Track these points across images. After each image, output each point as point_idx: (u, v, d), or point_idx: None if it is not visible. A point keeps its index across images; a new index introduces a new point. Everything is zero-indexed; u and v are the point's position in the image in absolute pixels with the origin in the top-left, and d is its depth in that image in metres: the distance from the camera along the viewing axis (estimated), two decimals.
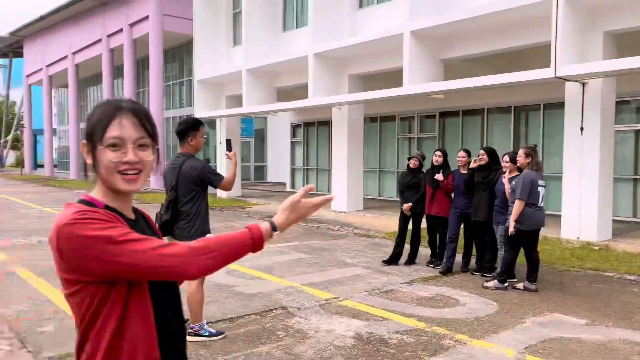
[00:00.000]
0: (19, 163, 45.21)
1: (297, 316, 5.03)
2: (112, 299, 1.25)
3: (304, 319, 4.95)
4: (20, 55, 38.62)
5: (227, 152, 4.51)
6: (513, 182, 6.03)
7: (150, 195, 17.89)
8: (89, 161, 1.32)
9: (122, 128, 1.28)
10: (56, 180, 29.09)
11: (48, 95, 34.40)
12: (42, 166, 41.20)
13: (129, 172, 1.29)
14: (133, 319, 1.27)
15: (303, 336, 4.48)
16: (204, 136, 4.45)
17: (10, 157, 50.41)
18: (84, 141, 1.33)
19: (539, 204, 5.92)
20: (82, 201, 1.33)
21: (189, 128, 4.32)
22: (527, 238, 6.04)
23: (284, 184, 22.05)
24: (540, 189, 5.92)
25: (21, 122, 41.57)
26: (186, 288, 4.40)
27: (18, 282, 6.21)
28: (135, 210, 1.44)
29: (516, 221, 5.87)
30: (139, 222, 1.43)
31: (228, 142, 4.85)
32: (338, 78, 13.81)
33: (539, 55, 10.19)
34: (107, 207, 1.31)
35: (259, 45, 15.92)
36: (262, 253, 8.08)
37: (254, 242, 1.31)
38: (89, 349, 1.26)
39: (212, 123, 20.46)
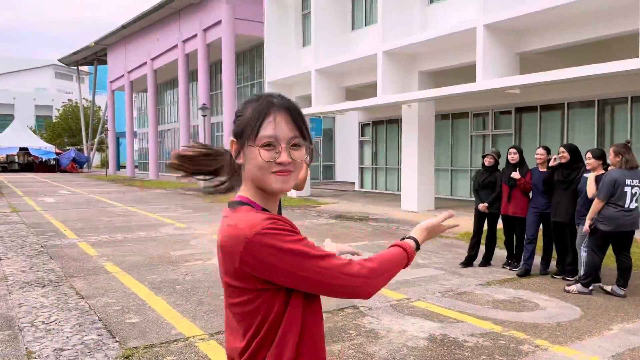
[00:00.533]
0: (104, 164, 48.30)
1: (369, 316, 5.00)
2: (292, 303, 1.22)
3: (375, 318, 4.92)
4: (104, 62, 41.23)
5: None
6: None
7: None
8: (241, 160, 1.28)
9: (277, 127, 1.22)
10: (137, 180, 30.75)
11: (129, 99, 36.48)
12: (124, 167, 43.70)
13: (281, 172, 1.24)
14: (311, 320, 1.26)
15: (375, 336, 4.46)
16: None
17: (96, 158, 53.92)
18: (234, 139, 1.28)
19: (626, 205, 5.52)
20: (239, 202, 1.28)
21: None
22: (614, 240, 5.67)
23: (353, 183, 22.04)
24: (627, 189, 5.53)
25: (105, 126, 44.38)
26: None
27: (105, 275, 6.62)
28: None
29: (598, 221, 5.56)
30: None
31: None
32: (408, 75, 13.62)
33: (624, 45, 9.54)
34: (263, 209, 1.28)
35: (327, 45, 16.02)
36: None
37: (409, 261, 1.36)
38: (272, 357, 1.22)
39: None
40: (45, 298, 5.57)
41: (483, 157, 7.31)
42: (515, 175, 6.72)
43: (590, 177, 5.86)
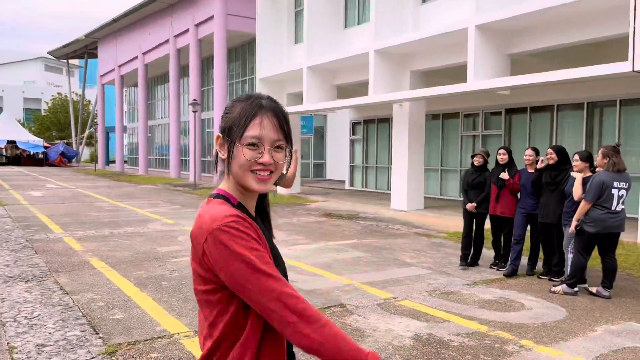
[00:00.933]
0: (93, 159, 47.90)
1: (356, 314, 5.00)
2: (253, 316, 1.22)
3: (362, 317, 4.92)
4: (95, 56, 40.87)
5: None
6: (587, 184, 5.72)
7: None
8: (224, 156, 1.32)
9: (263, 128, 1.27)
10: (126, 175, 30.54)
11: (120, 94, 36.18)
12: (113, 162, 43.38)
13: (261, 172, 1.28)
14: (270, 341, 1.25)
15: (361, 334, 4.45)
16: None
17: (85, 153, 53.46)
18: (220, 135, 1.32)
19: (613, 208, 5.56)
20: (217, 195, 1.32)
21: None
22: (600, 242, 5.71)
23: (343, 181, 22.06)
24: (615, 191, 5.56)
25: (95, 120, 44.01)
26: None
27: (91, 271, 6.55)
28: (262, 209, 1.43)
29: (585, 222, 5.60)
30: (258, 222, 1.39)
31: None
32: (399, 74, 13.63)
33: (614, 48, 9.61)
34: (239, 204, 1.31)
35: (320, 43, 15.99)
36: (320, 250, 8.12)
37: None
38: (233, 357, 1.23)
39: None
40: (28, 293, 5.50)
41: (472, 157, 7.34)
42: (504, 175, 6.74)
43: (577, 179, 5.89)
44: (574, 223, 5.71)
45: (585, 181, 5.82)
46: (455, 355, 4.00)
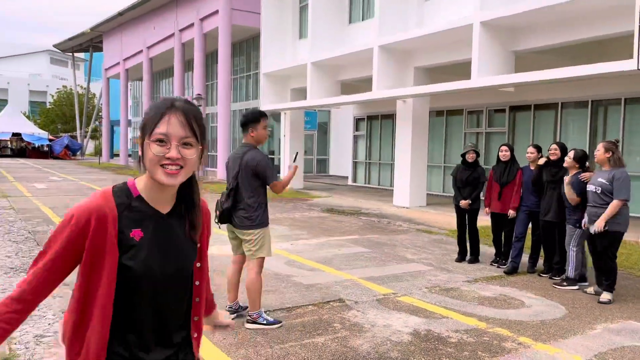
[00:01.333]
0: (97, 152, 48.03)
1: (354, 309, 5.00)
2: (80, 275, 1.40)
3: (361, 312, 4.92)
4: (100, 49, 40.89)
5: (292, 163, 4.62)
6: (599, 180, 5.51)
7: (217, 185, 18.41)
8: (140, 153, 1.41)
9: (170, 125, 1.35)
10: (130, 169, 30.61)
11: (125, 87, 36.22)
12: (117, 155, 43.49)
13: (169, 166, 1.36)
14: (95, 313, 1.37)
15: (359, 329, 4.45)
16: (268, 129, 4.50)
17: (89, 146, 53.59)
18: (139, 134, 1.41)
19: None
20: (123, 183, 1.45)
21: (249, 120, 4.38)
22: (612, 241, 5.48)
23: (346, 177, 22.04)
24: None
25: (100, 114, 44.08)
26: (245, 277, 4.49)
27: None
28: (189, 202, 1.50)
29: (615, 222, 5.28)
30: (172, 216, 1.47)
31: (296, 155, 5.05)
32: (403, 70, 13.59)
33: (619, 46, 9.54)
34: (139, 197, 1.42)
35: (324, 38, 15.95)
36: (321, 245, 8.13)
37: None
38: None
39: (277, 116, 20.77)
40: None
41: (463, 154, 7.19)
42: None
43: (566, 181, 5.81)
44: (602, 223, 5.28)
45: (573, 182, 5.75)
46: (453, 352, 4.00)
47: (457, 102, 15.58)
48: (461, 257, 7.24)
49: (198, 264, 1.53)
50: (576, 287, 5.81)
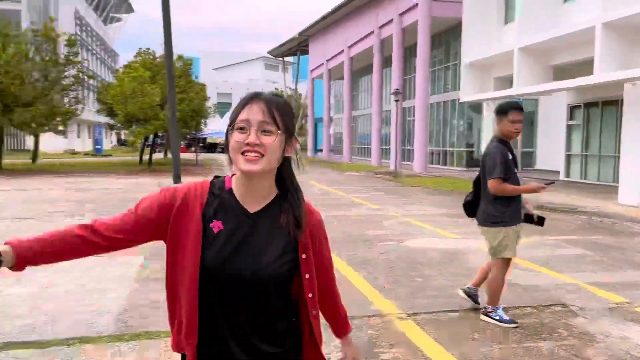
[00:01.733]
0: (303, 147, 52.07)
1: (581, 316, 4.50)
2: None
3: (589, 320, 4.40)
4: (306, 52, 44.15)
5: (543, 185, 4.19)
6: None
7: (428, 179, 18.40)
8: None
9: (250, 112, 1.33)
10: (333, 163, 32.50)
11: (327, 87, 38.53)
12: (321, 150, 46.57)
13: (249, 153, 1.32)
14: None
15: (590, 339, 3.98)
16: (514, 122, 4.11)
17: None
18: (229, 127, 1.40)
19: None
20: (217, 176, 1.48)
21: (496, 111, 4.25)
22: None
23: (557, 172, 20.04)
24: None
25: (305, 112, 47.70)
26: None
27: None
28: (285, 197, 1.44)
29: None
30: (261, 216, 1.41)
31: (551, 183, 4.52)
32: (632, 49, 11.81)
33: None
34: (230, 191, 1.42)
35: (534, 20, 14.73)
36: (534, 245, 7.50)
37: None
38: None
39: (477, 107, 19.93)
40: None
41: None
42: None
43: None
44: None
45: None
46: None
47: None
48: None
49: (304, 255, 1.43)
50: None
